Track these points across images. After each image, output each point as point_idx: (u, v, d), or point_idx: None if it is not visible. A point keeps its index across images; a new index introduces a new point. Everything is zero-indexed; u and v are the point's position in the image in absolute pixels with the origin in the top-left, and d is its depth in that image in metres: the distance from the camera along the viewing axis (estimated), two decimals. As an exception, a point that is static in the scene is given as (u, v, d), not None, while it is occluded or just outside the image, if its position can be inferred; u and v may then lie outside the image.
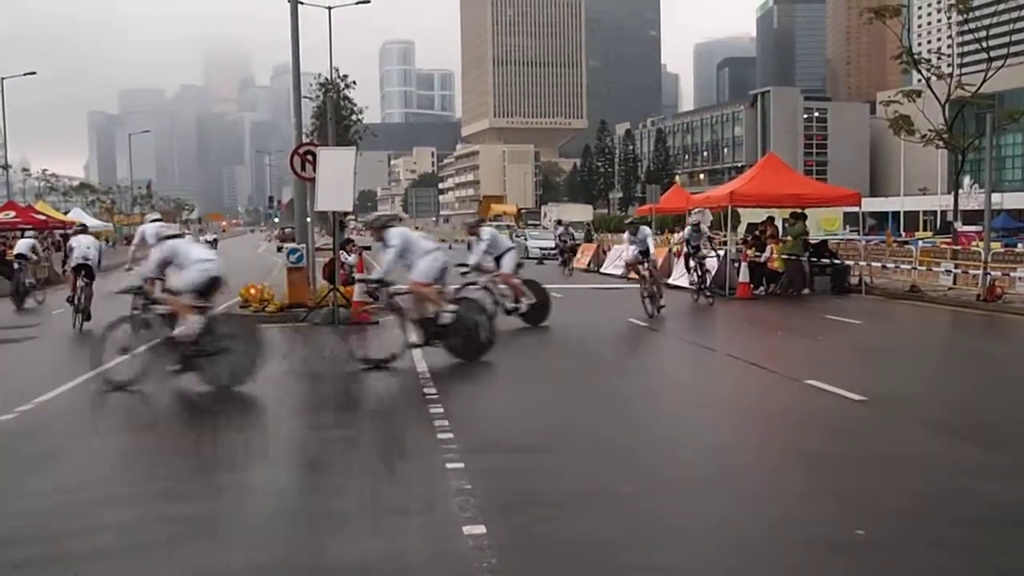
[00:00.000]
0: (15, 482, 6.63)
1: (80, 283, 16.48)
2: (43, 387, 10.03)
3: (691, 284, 20.81)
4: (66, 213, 52.59)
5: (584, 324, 17.16)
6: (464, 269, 15.28)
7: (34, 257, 23.08)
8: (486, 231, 15.75)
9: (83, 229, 18.56)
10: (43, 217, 39.09)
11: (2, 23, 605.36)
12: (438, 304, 11.52)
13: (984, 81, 31.23)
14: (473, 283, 15.07)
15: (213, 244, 71.37)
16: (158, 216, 19.77)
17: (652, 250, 17.96)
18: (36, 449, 7.58)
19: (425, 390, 9.70)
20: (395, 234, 11.67)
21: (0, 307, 22.80)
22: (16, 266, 22.09)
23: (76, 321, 16.21)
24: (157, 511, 5.86)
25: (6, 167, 59.78)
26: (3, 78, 52.29)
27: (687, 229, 22.04)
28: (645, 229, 18.10)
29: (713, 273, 21.17)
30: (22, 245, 22.84)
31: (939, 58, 33.30)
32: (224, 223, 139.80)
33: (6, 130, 54.29)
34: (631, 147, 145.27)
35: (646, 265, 17.60)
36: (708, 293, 19.89)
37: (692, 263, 21.02)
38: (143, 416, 9.23)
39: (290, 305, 17.34)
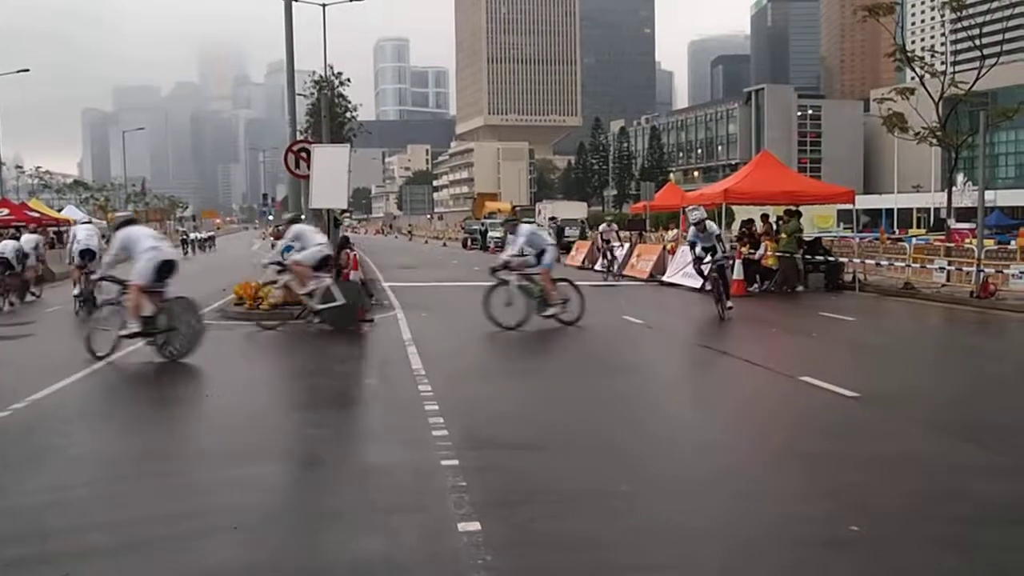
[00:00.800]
0: (8, 480, 6.60)
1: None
2: (37, 385, 10.00)
3: (715, 300, 16.78)
4: (60, 211, 52.53)
5: (579, 322, 17.16)
6: (278, 267, 15.63)
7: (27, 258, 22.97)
8: (292, 229, 15.63)
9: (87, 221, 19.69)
10: (37, 214, 38.99)
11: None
12: (146, 304, 11.78)
13: (977, 79, 31.26)
14: (273, 281, 15.73)
15: (211, 241, 72.94)
16: (87, 219, 21.23)
17: (518, 250, 15.59)
18: (30, 447, 7.56)
19: (420, 387, 9.69)
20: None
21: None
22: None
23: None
24: (150, 509, 5.84)
25: (-1, 164, 59.62)
26: (-3, 75, 52.17)
27: (691, 230, 17.62)
28: (524, 227, 16.19)
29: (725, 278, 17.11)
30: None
31: (932, 56, 33.33)
32: (218, 220, 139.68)
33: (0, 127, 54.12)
34: (626, 144, 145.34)
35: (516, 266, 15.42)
36: (731, 305, 16.45)
37: (707, 269, 16.87)
38: (136, 414, 9.21)
39: (284, 303, 17.30)
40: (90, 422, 8.74)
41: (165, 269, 11.96)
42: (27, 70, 56.43)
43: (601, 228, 33.52)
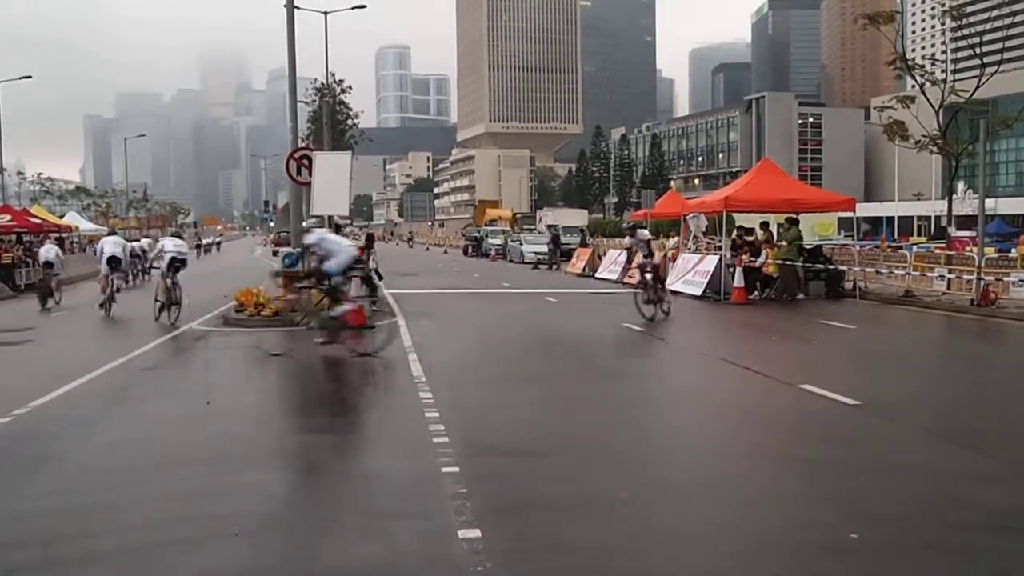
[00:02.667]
0: (9, 486, 6.62)
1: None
2: (38, 390, 10.02)
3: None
4: (62, 217, 52.59)
5: (579, 328, 17.18)
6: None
7: (59, 262, 24.28)
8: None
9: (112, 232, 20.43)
10: (38, 221, 39.02)
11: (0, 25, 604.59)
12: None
13: (978, 87, 31.36)
14: None
15: (217, 245, 74.40)
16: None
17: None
18: (31, 453, 7.57)
19: (421, 394, 9.70)
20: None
21: (-5, 311, 22.79)
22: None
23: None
24: (151, 515, 5.85)
25: (1, 170, 59.64)
26: (-1, 82, 52.23)
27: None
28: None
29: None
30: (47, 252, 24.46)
31: (933, 64, 33.45)
32: (220, 227, 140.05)
33: (2, 133, 54.18)
34: (626, 152, 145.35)
35: None
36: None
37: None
38: (138, 420, 9.22)
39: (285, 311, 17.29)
40: (92, 428, 8.74)
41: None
42: (29, 76, 56.49)
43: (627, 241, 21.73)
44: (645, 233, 19.39)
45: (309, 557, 5.03)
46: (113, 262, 18.52)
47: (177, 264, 18.31)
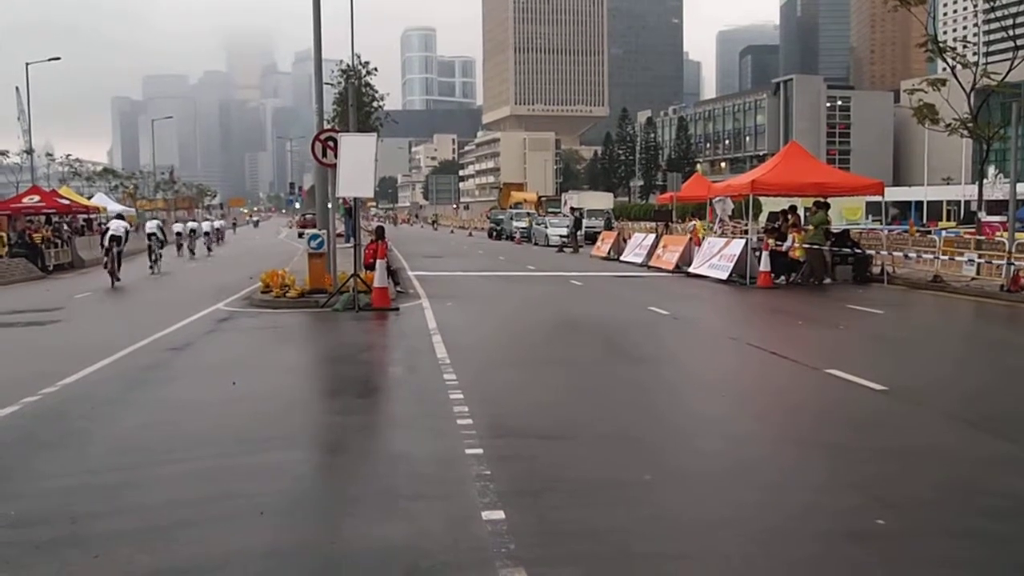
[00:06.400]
0: (38, 463, 6.69)
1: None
2: (67, 370, 10.13)
3: None
4: (89, 198, 52.98)
5: (604, 312, 17.13)
6: None
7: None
8: None
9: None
10: (67, 202, 39.38)
11: (28, 9, 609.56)
12: None
13: (1010, 70, 30.81)
14: None
15: (255, 223, 77.63)
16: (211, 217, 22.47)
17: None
18: (59, 431, 7.65)
19: (445, 376, 9.72)
20: None
21: (23, 290, 23.06)
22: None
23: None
24: (177, 493, 5.90)
25: (30, 152, 60.19)
26: (28, 63, 52.71)
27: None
28: None
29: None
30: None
31: (964, 46, 32.87)
32: (245, 209, 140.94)
33: (31, 115, 54.69)
34: (652, 135, 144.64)
35: None
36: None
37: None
38: (163, 400, 9.28)
39: (311, 291, 17.43)
40: (119, 407, 8.82)
41: None
42: (58, 58, 56.88)
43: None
44: None
45: (334, 537, 5.05)
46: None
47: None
